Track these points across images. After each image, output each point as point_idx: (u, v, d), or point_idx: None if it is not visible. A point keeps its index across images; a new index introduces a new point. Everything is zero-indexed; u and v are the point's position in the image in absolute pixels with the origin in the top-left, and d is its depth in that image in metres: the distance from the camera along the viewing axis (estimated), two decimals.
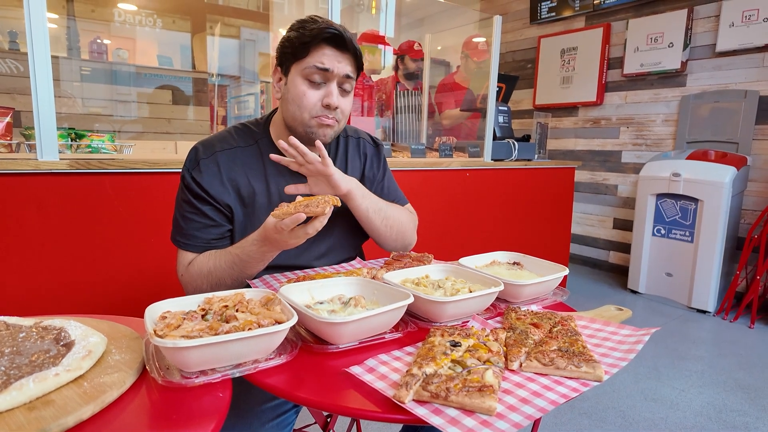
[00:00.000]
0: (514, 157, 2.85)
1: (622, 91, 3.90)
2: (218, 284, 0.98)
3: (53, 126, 1.44)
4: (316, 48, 0.98)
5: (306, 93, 0.99)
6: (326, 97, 0.99)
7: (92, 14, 3.63)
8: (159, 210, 1.59)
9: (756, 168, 3.22)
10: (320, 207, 0.81)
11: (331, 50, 0.98)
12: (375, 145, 1.26)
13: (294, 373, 0.66)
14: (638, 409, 1.97)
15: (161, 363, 0.64)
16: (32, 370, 0.56)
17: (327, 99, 0.99)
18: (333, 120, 1.02)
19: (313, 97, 0.99)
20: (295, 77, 1.00)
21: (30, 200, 1.43)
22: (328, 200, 0.82)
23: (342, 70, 1.00)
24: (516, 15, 4.66)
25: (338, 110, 1.02)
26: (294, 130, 1.04)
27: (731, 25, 3.19)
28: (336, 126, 1.04)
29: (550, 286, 0.97)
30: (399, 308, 0.74)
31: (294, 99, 1.00)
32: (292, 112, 1.02)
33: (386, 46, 3.17)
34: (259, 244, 0.91)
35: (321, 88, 1.00)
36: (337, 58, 0.99)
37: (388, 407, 0.58)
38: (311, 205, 0.81)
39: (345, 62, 1.00)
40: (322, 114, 1.01)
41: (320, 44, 0.98)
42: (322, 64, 0.97)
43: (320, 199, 0.82)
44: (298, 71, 1.00)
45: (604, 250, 4.15)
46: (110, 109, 3.69)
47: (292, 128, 1.04)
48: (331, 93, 0.99)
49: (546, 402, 0.58)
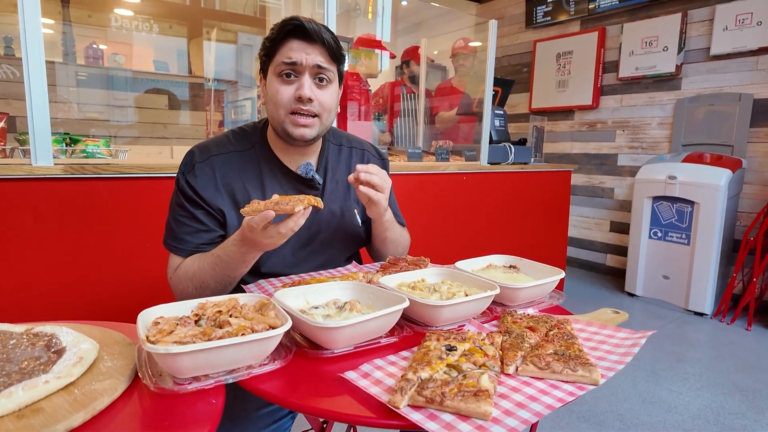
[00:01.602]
0: (510, 161, 2.86)
1: (617, 95, 3.92)
2: (202, 287, 0.96)
3: (48, 131, 1.44)
4: (283, 43, 0.97)
5: (279, 89, 0.98)
6: (298, 89, 0.97)
7: (89, 19, 3.63)
8: (154, 215, 1.58)
9: (751, 170, 3.23)
10: (290, 205, 0.79)
11: (298, 43, 0.97)
12: (380, 159, 1.25)
13: (288, 378, 0.66)
14: (636, 412, 1.97)
15: (154, 369, 0.63)
16: (22, 377, 0.56)
17: (298, 91, 0.97)
18: (307, 117, 0.99)
19: (286, 93, 0.98)
20: (270, 78, 1.00)
21: (24, 206, 1.42)
22: (302, 200, 0.80)
23: (311, 61, 0.97)
24: (511, 19, 4.68)
25: (315, 102, 0.99)
26: (275, 129, 1.03)
27: (725, 29, 3.22)
28: (317, 122, 1.01)
29: (547, 289, 0.96)
30: (394, 312, 0.74)
31: (270, 98, 1.00)
32: (270, 112, 1.01)
33: (383, 51, 3.18)
34: (239, 244, 0.90)
35: (294, 83, 0.98)
36: (305, 50, 0.97)
37: (383, 413, 0.57)
38: (281, 203, 0.79)
39: (314, 53, 0.98)
40: (296, 108, 0.98)
41: (285, 39, 0.97)
42: (290, 59, 0.96)
43: (293, 198, 0.80)
44: (271, 71, 1.00)
45: (600, 253, 4.15)
46: (106, 114, 3.68)
47: (274, 128, 1.03)
48: (303, 85, 0.97)
49: (542, 406, 0.58)
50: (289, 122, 0.99)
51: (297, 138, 1.00)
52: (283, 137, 1.03)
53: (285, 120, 0.99)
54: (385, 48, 3.21)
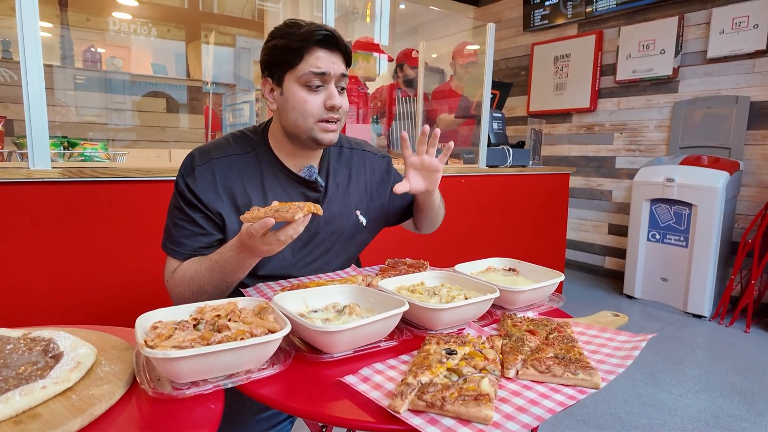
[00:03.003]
0: (508, 164, 2.86)
1: (615, 98, 3.93)
2: (199, 291, 0.96)
3: (45, 134, 1.43)
4: (309, 52, 0.96)
5: (307, 100, 0.98)
6: (328, 99, 0.99)
7: (87, 23, 3.63)
8: (152, 219, 1.57)
9: (748, 173, 3.24)
10: (290, 213, 0.79)
11: (324, 52, 0.97)
12: (382, 158, 1.25)
13: (287, 383, 0.65)
14: (636, 415, 1.96)
15: (152, 374, 0.63)
16: (19, 382, 0.55)
17: (330, 101, 0.98)
18: (334, 123, 1.02)
19: (315, 102, 0.98)
20: (291, 85, 0.99)
21: (22, 209, 1.41)
22: (302, 207, 0.80)
23: (337, 70, 0.99)
24: (509, 23, 4.70)
25: (340, 109, 1.02)
26: (297, 137, 1.02)
27: (722, 32, 3.23)
28: (339, 127, 1.04)
29: (546, 292, 0.96)
30: (394, 316, 0.73)
31: (296, 107, 0.99)
32: (294, 120, 1.00)
33: (381, 54, 3.18)
34: (237, 250, 0.89)
35: (320, 92, 0.99)
36: (330, 59, 0.98)
37: (383, 417, 0.57)
38: (281, 210, 0.79)
39: (338, 62, 0.99)
40: (326, 117, 1.00)
41: (312, 48, 0.96)
42: (319, 69, 0.96)
43: (292, 206, 0.80)
44: (293, 79, 0.98)
45: (599, 255, 4.16)
46: (104, 118, 3.68)
47: (294, 136, 1.02)
48: (333, 95, 0.99)
49: (543, 410, 0.58)
50: (318, 130, 1.00)
51: (326, 144, 1.02)
52: (306, 143, 1.03)
53: (314, 128, 1.00)
54: (383, 51, 3.21)
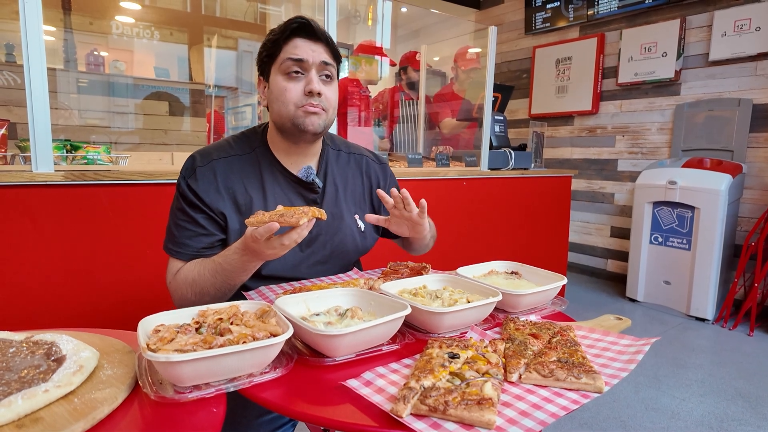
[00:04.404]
0: (510, 166, 2.86)
1: (617, 100, 3.93)
2: (201, 293, 0.96)
3: (48, 138, 1.44)
4: (287, 42, 0.99)
5: (287, 87, 0.99)
6: (307, 84, 0.99)
7: (90, 27, 3.65)
8: (155, 222, 1.58)
9: (751, 175, 3.23)
10: (294, 218, 0.79)
11: (302, 41, 1.00)
12: (380, 164, 1.25)
13: (289, 386, 0.65)
14: (639, 419, 1.95)
15: (154, 378, 0.63)
16: (21, 386, 0.55)
17: (309, 86, 0.99)
18: (319, 107, 1.01)
19: (295, 89, 0.99)
20: (275, 77, 1.01)
21: (24, 212, 1.42)
22: (306, 212, 0.80)
23: (317, 58, 1.00)
24: (511, 26, 4.70)
25: (323, 97, 1.01)
26: (283, 127, 1.03)
27: (723, 35, 3.23)
28: (324, 115, 1.03)
29: (549, 295, 0.96)
30: (396, 319, 0.73)
31: (278, 96, 1.00)
32: (278, 110, 1.02)
33: (383, 57, 3.19)
34: (241, 253, 0.90)
35: (301, 80, 1.00)
36: (310, 47, 1.00)
37: (385, 422, 0.57)
38: (286, 215, 0.80)
39: (319, 50, 1.01)
40: (306, 103, 1.00)
41: (290, 37, 0.99)
42: (296, 55, 0.98)
43: (297, 210, 0.80)
44: (276, 70, 1.01)
45: (601, 258, 4.15)
46: (107, 121, 3.69)
47: (281, 127, 1.03)
48: (312, 80, 0.99)
49: (546, 414, 0.57)
50: (300, 114, 1.00)
51: (309, 128, 1.00)
52: (293, 133, 1.03)
53: (295, 114, 1.00)
54: (385, 54, 3.22)
